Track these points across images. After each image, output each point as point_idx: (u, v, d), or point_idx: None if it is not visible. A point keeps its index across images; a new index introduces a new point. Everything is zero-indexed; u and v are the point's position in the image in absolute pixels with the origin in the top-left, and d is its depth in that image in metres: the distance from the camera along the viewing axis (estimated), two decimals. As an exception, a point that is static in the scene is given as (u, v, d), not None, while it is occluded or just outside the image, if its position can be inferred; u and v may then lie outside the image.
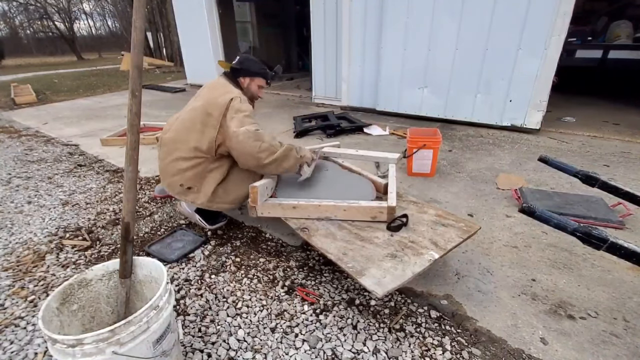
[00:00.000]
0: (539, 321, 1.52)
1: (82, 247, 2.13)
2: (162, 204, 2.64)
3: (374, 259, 1.54)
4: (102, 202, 2.70)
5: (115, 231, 2.30)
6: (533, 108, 3.97)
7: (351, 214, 1.83)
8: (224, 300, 1.69)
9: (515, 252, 1.97)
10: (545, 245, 2.03)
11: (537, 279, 1.77)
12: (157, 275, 1.33)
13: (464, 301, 1.63)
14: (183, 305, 1.66)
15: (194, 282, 1.81)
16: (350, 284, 1.77)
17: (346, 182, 2.17)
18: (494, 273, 1.81)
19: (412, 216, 1.84)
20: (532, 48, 3.76)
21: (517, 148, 3.63)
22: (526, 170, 3.06)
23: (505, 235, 2.13)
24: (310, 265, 1.92)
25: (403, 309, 1.61)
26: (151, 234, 2.26)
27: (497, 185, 2.78)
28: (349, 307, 1.63)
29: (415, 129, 3.14)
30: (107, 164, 3.50)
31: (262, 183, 1.90)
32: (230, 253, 2.04)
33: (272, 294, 1.72)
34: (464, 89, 4.33)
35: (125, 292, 1.32)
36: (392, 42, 4.66)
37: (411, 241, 1.65)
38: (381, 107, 5.10)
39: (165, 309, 1.16)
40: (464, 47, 4.18)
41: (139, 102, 1.26)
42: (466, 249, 2.00)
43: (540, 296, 1.65)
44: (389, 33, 4.65)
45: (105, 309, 1.36)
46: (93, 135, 4.47)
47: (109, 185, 3.00)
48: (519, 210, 1.33)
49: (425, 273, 1.77)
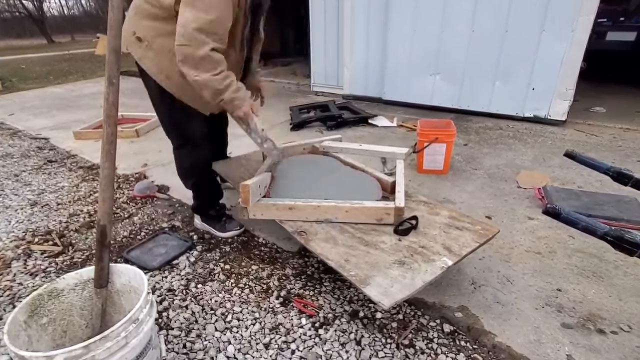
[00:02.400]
0: (565, 336, 1.51)
1: (52, 252, 2.12)
2: (142, 205, 2.64)
3: (379, 266, 1.53)
4: (75, 203, 2.69)
5: (89, 235, 2.30)
6: (558, 97, 3.96)
7: (354, 216, 1.83)
8: (211, 312, 1.69)
9: (538, 259, 1.97)
10: (572, 251, 2.02)
11: (563, 288, 1.76)
12: (137, 284, 1.32)
13: (480, 314, 1.63)
14: (166, 318, 1.66)
15: (178, 292, 1.81)
16: (353, 295, 1.77)
17: (348, 180, 2.16)
18: (514, 282, 1.81)
19: (422, 218, 1.84)
20: (558, 30, 3.75)
21: (541, 142, 3.63)
22: (551, 167, 3.06)
23: (527, 239, 2.13)
24: (308, 274, 1.92)
25: (412, 323, 1.60)
26: (130, 238, 2.26)
27: (518, 184, 2.77)
28: (352, 320, 1.62)
29: (426, 121, 3.13)
30: (81, 160, 3.49)
31: (254, 181, 1.90)
32: (218, 260, 2.04)
33: (265, 305, 1.72)
34: (481, 75, 4.33)
35: (101, 304, 1.31)
36: (400, 23, 4.64)
37: (421, 246, 1.65)
38: (388, 96, 5.09)
39: (145, 323, 1.16)
40: (480, 29, 4.17)
41: (117, 91, 1.26)
42: (483, 255, 1.99)
43: (567, 308, 1.65)
44: (396, 12, 4.63)
45: (79, 322, 1.36)
46: (65, 127, 4.46)
47: (82, 184, 3.00)
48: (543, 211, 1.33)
49: (438, 282, 1.77)
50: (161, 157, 3.50)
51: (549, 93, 3.99)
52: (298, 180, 2.15)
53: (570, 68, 3.81)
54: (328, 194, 1.98)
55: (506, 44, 4.07)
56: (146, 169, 3.27)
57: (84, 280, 1.35)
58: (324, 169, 2.29)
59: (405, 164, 2.33)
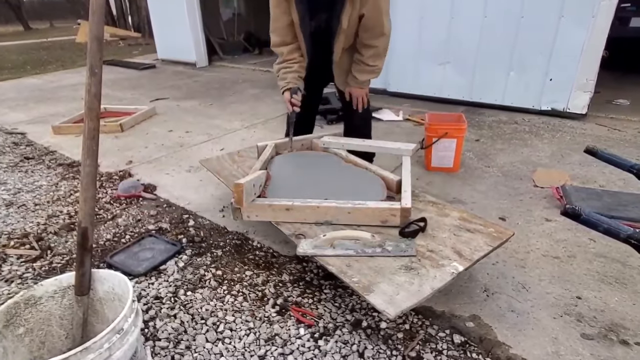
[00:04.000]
0: (586, 347, 1.51)
1: (29, 257, 2.12)
2: (127, 205, 2.64)
3: (384, 272, 1.53)
4: (55, 203, 2.69)
5: (70, 238, 2.29)
6: (578, 89, 3.96)
7: (357, 218, 1.83)
8: (202, 322, 1.68)
9: (556, 264, 1.97)
10: (592, 256, 2.02)
11: (583, 296, 1.76)
12: (121, 291, 1.32)
13: (494, 323, 1.63)
14: (153, 328, 1.66)
15: (165, 300, 1.81)
16: (355, 303, 1.77)
17: (350, 178, 2.16)
18: (530, 289, 1.81)
19: (430, 220, 1.84)
20: (577, 15, 3.75)
21: (559, 137, 3.63)
22: (570, 165, 3.05)
23: (545, 243, 2.13)
24: (307, 280, 1.92)
25: (420, 333, 1.60)
26: (114, 241, 2.26)
27: (534, 183, 2.77)
28: (355, 330, 1.62)
29: (435, 114, 3.13)
30: (60, 157, 3.48)
31: (249, 179, 1.89)
32: (210, 265, 2.04)
33: (260, 314, 1.71)
34: (494, 65, 4.32)
35: (82, 313, 1.31)
36: (406, 8, 4.63)
37: (430, 250, 1.65)
38: (393, 87, 5.09)
39: (130, 333, 1.15)
40: (493, 14, 4.16)
41: (99, 82, 1.26)
42: (497, 259, 1.99)
43: (587, 317, 1.65)
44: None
45: (58, 332, 1.35)
46: (43, 121, 4.45)
47: (62, 183, 2.99)
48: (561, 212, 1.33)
49: (447, 289, 1.77)
50: (147, 154, 3.50)
51: (568, 84, 3.99)
52: (296, 179, 2.15)
53: (590, 57, 3.80)
54: (328, 193, 1.98)
55: (521, 31, 4.07)
56: (131, 166, 3.26)
57: (63, 287, 1.34)
58: (324, 167, 2.29)
59: (412, 161, 2.33)
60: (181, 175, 3.09)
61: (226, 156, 2.63)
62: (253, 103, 5.05)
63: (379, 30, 2.20)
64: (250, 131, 4.04)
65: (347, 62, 2.41)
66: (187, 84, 6.28)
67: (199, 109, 4.94)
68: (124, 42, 12.54)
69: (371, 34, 2.22)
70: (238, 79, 6.55)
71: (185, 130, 4.12)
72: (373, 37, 2.23)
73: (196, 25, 7.52)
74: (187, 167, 3.20)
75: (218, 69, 7.57)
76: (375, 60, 2.33)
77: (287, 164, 2.33)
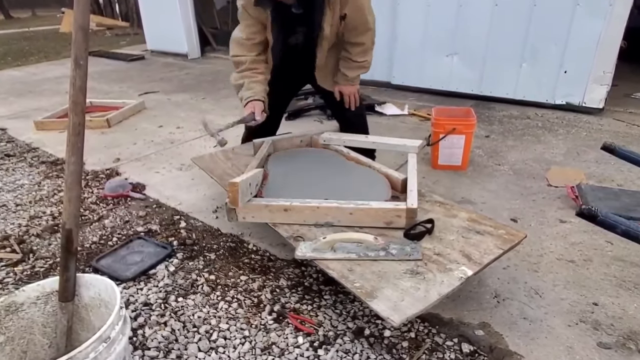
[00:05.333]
0: (603, 357, 1.51)
1: (10, 261, 2.12)
2: (114, 206, 2.63)
3: (388, 276, 1.53)
4: (37, 203, 2.69)
5: (53, 240, 2.29)
6: (594, 82, 3.96)
7: (359, 219, 1.82)
8: (194, 330, 1.68)
9: (571, 268, 1.97)
10: (610, 259, 2.02)
11: (600, 302, 1.76)
12: (108, 297, 1.32)
13: (505, 331, 1.63)
14: (141, 337, 1.65)
15: (155, 307, 1.81)
16: (357, 309, 1.77)
17: (352, 177, 2.16)
18: (544, 295, 1.81)
19: (437, 221, 1.84)
20: (594, 3, 3.75)
21: (574, 133, 3.63)
22: (586, 162, 3.05)
23: (559, 245, 2.13)
24: (306, 285, 1.92)
25: (426, 342, 1.60)
26: (100, 244, 2.26)
27: (548, 182, 2.77)
28: (357, 339, 1.62)
29: (442, 109, 3.12)
30: (43, 154, 3.48)
31: (244, 178, 1.89)
32: (202, 269, 2.04)
33: (256, 321, 1.71)
34: (505, 56, 4.32)
35: (67, 320, 1.31)
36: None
37: (437, 253, 1.65)
38: (398, 80, 5.08)
39: (118, 342, 1.15)
40: (504, 2, 4.16)
41: (85, 74, 1.26)
42: (508, 263, 1.99)
43: (604, 325, 1.65)
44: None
45: (41, 341, 1.35)
46: (25, 116, 4.45)
47: (45, 181, 2.99)
48: (577, 213, 1.33)
49: (455, 295, 1.77)
50: (136, 151, 3.50)
51: (584, 77, 3.98)
52: (294, 178, 2.15)
53: (608, 48, 3.80)
54: (329, 193, 1.98)
55: (534, 21, 4.06)
56: (119, 164, 3.26)
57: (46, 292, 1.34)
58: (324, 165, 2.29)
59: (418, 158, 2.33)
60: (172, 173, 3.09)
61: (220, 153, 2.63)
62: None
63: (363, 27, 2.23)
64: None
65: (332, 63, 2.43)
66: (178, 77, 6.28)
67: (191, 103, 4.93)
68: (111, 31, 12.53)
69: (356, 32, 2.24)
70: (232, 71, 6.52)
71: (177, 125, 4.11)
72: (359, 34, 2.25)
73: (188, 13, 7.52)
74: (179, 165, 3.20)
75: (211, 60, 7.56)
76: (363, 56, 2.35)
77: (285, 162, 2.33)
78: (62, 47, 9.52)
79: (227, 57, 7.56)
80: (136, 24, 11.89)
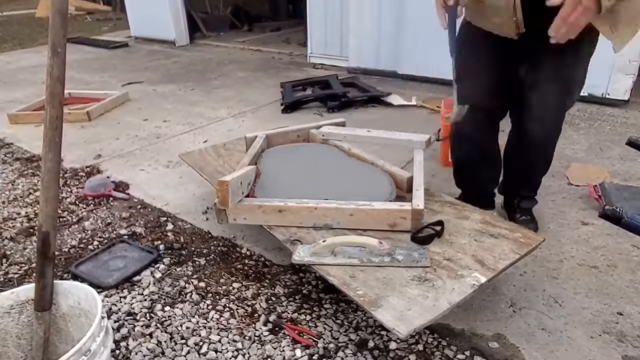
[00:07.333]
0: (627, 371, 1.52)
1: (-18, 267, 2.12)
2: (95, 206, 2.63)
3: (394, 283, 1.53)
4: (11, 204, 2.69)
5: (29, 244, 2.29)
6: (619, 71, 3.95)
7: (361, 220, 1.82)
8: (182, 342, 1.68)
9: (594, 275, 1.97)
10: (636, 265, 2.02)
11: (625, 312, 1.76)
12: (88, 306, 1.32)
13: (522, 343, 1.63)
14: (125, 350, 1.65)
15: (140, 317, 1.81)
16: (361, 320, 1.77)
17: (354, 175, 2.16)
18: (564, 304, 1.81)
19: (448, 223, 1.84)
20: (619, -14, 3.74)
21: (597, 127, 3.63)
22: (609, 159, 3.05)
23: (581, 250, 2.13)
24: (304, 293, 1.92)
25: (436, 355, 1.60)
26: (80, 248, 2.26)
27: (568, 180, 2.77)
28: (360, 351, 1.63)
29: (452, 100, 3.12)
30: (18, 150, 3.48)
31: (235, 176, 1.89)
32: (191, 275, 2.04)
33: (250, 333, 1.72)
34: (523, 43, 4.31)
35: (43, 331, 1.31)
36: (421, -23, 4.63)
37: (447, 258, 1.65)
38: (405, 69, 5.08)
39: (99, 355, 1.15)
40: (522, -15, 4.14)
41: (63, 63, 1.25)
42: (525, 269, 1.99)
43: (630, 336, 1.65)
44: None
45: (15, 354, 1.35)
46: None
47: (20, 180, 2.99)
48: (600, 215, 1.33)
49: (467, 304, 1.77)
50: (118, 146, 3.50)
51: (607, 66, 3.97)
52: (290, 176, 2.15)
53: (634, 34, 3.80)
54: (328, 192, 1.98)
55: (554, 4, 4.05)
56: (100, 161, 3.26)
57: (21, 301, 1.34)
58: (323, 162, 2.28)
59: (426, 154, 2.33)
60: (158, 171, 3.09)
61: (210, 149, 2.62)
62: (241, 88, 5.04)
63: None
64: (238, 120, 4.04)
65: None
66: (164, 66, 6.27)
67: (178, 94, 4.93)
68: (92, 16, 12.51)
69: None
70: (224, 59, 6.54)
71: (163, 119, 4.11)
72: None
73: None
74: (165, 162, 3.20)
75: (201, 47, 7.55)
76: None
77: (279, 159, 2.33)
78: (38, 34, 9.50)
79: (218, 45, 7.57)
80: (119, 8, 11.85)
